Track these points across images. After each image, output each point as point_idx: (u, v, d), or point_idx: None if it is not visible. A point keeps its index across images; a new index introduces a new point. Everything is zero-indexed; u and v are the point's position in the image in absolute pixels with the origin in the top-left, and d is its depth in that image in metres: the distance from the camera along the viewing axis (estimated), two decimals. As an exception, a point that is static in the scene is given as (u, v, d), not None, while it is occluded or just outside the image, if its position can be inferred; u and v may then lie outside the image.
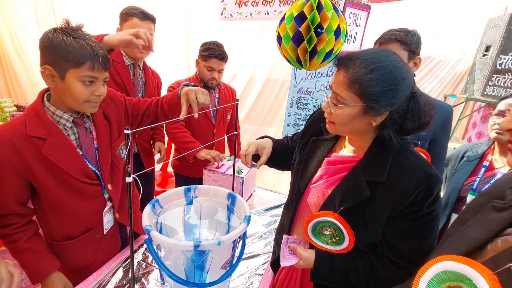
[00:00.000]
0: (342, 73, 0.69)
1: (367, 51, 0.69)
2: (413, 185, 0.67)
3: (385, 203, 0.71)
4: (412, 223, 0.70)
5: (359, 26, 1.50)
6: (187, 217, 1.02)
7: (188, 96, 0.94)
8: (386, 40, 1.11)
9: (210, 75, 1.70)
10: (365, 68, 0.65)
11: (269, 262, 1.13)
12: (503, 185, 0.53)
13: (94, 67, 0.83)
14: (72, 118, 0.90)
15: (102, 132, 0.99)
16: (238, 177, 1.46)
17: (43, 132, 0.85)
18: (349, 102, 0.68)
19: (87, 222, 1.00)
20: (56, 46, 0.79)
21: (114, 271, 1.04)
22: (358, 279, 0.77)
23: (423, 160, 0.72)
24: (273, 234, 1.33)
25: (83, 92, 0.84)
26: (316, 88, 1.69)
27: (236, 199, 0.95)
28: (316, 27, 0.85)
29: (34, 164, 0.84)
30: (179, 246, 0.73)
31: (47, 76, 0.83)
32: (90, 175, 0.96)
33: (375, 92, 0.65)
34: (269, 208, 1.57)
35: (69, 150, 0.90)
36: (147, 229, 0.75)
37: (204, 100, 0.96)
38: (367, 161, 0.75)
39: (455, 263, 0.44)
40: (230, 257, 0.87)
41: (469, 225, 0.51)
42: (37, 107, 0.87)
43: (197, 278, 0.81)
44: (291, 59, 0.95)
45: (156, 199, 0.92)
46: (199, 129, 1.83)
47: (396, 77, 0.65)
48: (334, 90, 0.71)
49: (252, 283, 1.02)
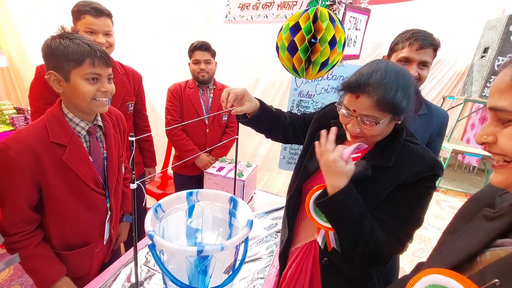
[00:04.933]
0: (366, 99, 0.71)
1: (377, 72, 0.71)
2: (422, 166, 0.74)
3: (387, 184, 0.76)
4: (408, 193, 0.76)
5: (359, 29, 1.51)
6: (189, 221, 1.02)
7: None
8: (426, 44, 1.05)
9: (198, 68, 1.75)
10: (390, 90, 0.70)
11: (270, 264, 1.13)
12: (494, 192, 0.54)
13: (95, 63, 0.85)
14: (88, 127, 0.94)
15: (113, 143, 1.03)
16: (239, 180, 1.47)
17: (64, 139, 0.88)
18: (383, 118, 0.73)
19: (87, 233, 1.01)
20: (55, 49, 0.83)
21: (116, 276, 1.04)
22: (368, 225, 0.74)
23: (428, 150, 0.79)
24: (274, 237, 1.34)
25: (90, 89, 0.87)
26: (317, 92, 1.70)
27: (238, 203, 0.96)
28: (310, 37, 0.87)
29: (50, 170, 0.86)
30: (182, 252, 0.73)
31: (54, 81, 0.86)
32: (98, 183, 0.98)
33: (405, 106, 0.72)
34: (270, 210, 1.57)
35: (84, 158, 0.93)
36: (151, 235, 0.75)
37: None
38: (376, 150, 0.81)
39: (442, 277, 0.44)
40: (232, 261, 0.87)
41: (459, 235, 0.52)
42: (57, 113, 0.90)
43: (200, 282, 0.81)
44: (288, 68, 0.98)
45: (159, 203, 0.92)
46: (191, 129, 1.85)
47: (409, 85, 0.73)
48: (364, 113, 0.73)
49: (255, 286, 1.03)
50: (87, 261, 1.04)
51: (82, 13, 1.25)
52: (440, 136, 1.22)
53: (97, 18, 1.27)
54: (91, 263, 1.05)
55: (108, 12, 1.32)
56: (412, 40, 1.07)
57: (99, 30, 1.28)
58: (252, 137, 2.90)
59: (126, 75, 1.52)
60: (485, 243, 0.46)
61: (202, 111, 1.84)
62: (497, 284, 0.39)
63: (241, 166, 1.64)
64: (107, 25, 1.31)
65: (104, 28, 1.29)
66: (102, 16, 1.28)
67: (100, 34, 1.29)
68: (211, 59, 1.78)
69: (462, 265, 0.47)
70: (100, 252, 1.07)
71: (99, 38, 1.28)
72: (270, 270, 1.11)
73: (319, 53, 0.89)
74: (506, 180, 0.43)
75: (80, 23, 1.27)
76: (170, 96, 1.84)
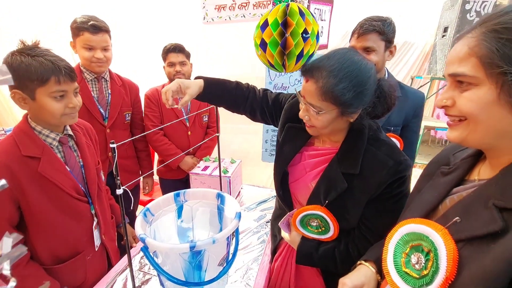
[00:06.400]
0: (312, 84, 0.71)
1: (331, 58, 0.71)
2: (385, 174, 0.74)
3: (362, 192, 0.78)
4: (384, 203, 0.78)
5: (324, 20, 1.57)
6: (179, 221, 1.04)
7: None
8: (365, 31, 1.10)
9: (173, 70, 1.73)
10: (334, 78, 0.68)
11: (263, 253, 1.18)
12: (448, 153, 0.62)
13: (60, 80, 0.85)
14: (59, 137, 0.94)
15: (87, 150, 1.03)
16: (225, 177, 1.49)
17: (36, 152, 0.87)
18: (326, 109, 0.72)
19: (75, 243, 1.00)
20: (17, 69, 0.80)
21: (112, 284, 1.04)
22: (335, 265, 0.86)
23: (393, 148, 0.78)
24: (264, 227, 1.38)
25: (57, 107, 0.86)
26: (291, 83, 1.75)
27: (225, 198, 0.99)
28: (279, 32, 0.91)
29: (28, 185, 0.85)
30: (175, 249, 0.76)
31: (19, 99, 0.85)
32: (79, 191, 0.98)
33: (348, 98, 0.69)
34: (258, 202, 1.61)
35: (60, 168, 0.93)
36: (142, 238, 0.77)
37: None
38: (342, 154, 0.81)
39: (414, 225, 0.51)
40: (225, 254, 0.91)
41: (423, 192, 0.60)
42: (25, 128, 0.89)
43: (196, 277, 0.85)
44: (266, 64, 1.01)
45: (147, 207, 0.93)
46: (173, 133, 1.84)
47: (363, 79, 0.69)
48: (309, 101, 0.74)
49: (249, 276, 1.07)
50: (81, 270, 1.04)
51: (81, 30, 1.32)
52: (417, 118, 1.25)
53: (95, 35, 1.33)
54: (85, 272, 1.05)
55: (106, 28, 1.38)
56: (356, 29, 1.14)
57: (97, 46, 1.35)
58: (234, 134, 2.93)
59: (123, 86, 1.59)
60: (444, 194, 0.54)
61: (181, 113, 1.83)
62: (457, 221, 0.46)
63: (226, 163, 1.67)
64: (104, 41, 1.37)
65: (102, 44, 1.37)
66: (100, 32, 1.35)
67: (98, 50, 1.36)
68: (186, 61, 1.78)
69: (428, 215, 0.55)
70: (93, 259, 1.07)
71: (97, 54, 1.36)
72: (263, 258, 1.15)
73: (293, 45, 0.92)
74: (460, 135, 0.49)
75: (78, 40, 1.34)
76: (148, 101, 1.81)
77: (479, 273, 0.40)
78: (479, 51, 0.43)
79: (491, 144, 0.47)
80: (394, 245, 0.53)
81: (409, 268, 0.51)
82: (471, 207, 0.46)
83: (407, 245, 0.52)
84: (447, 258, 0.44)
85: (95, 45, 1.34)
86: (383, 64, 1.20)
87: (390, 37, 1.14)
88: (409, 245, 0.52)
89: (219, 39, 2.70)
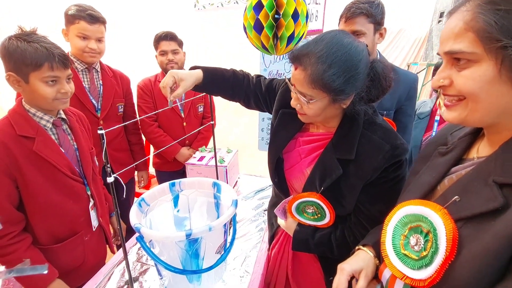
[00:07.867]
0: (301, 72, 0.68)
1: (319, 43, 0.67)
2: (381, 158, 0.72)
3: (358, 177, 0.76)
4: (380, 187, 0.77)
5: (319, 4, 1.54)
6: (176, 211, 1.03)
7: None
8: (352, 14, 1.07)
9: (165, 59, 1.68)
10: (322, 64, 0.64)
11: (261, 241, 1.18)
12: (445, 133, 0.60)
13: (53, 66, 0.87)
14: (52, 120, 0.96)
15: (80, 134, 1.06)
16: (221, 167, 1.48)
17: (31, 132, 0.90)
18: (317, 97, 0.69)
19: (73, 223, 1.03)
20: (13, 52, 0.84)
21: (110, 276, 1.04)
22: (332, 251, 0.86)
23: (389, 132, 0.75)
24: (262, 215, 1.38)
25: (49, 91, 0.89)
26: (286, 69, 1.73)
27: (221, 186, 0.98)
28: (274, 13, 0.88)
29: (24, 163, 0.88)
30: (171, 238, 0.75)
31: (13, 82, 0.88)
32: (74, 172, 1.01)
33: (338, 85, 0.66)
34: (255, 191, 1.61)
35: (55, 148, 0.95)
36: (137, 227, 0.76)
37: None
38: (337, 140, 0.78)
39: (412, 206, 0.50)
40: (223, 241, 0.90)
41: (421, 173, 0.58)
42: (19, 110, 0.92)
43: (193, 266, 0.84)
44: (258, 47, 0.99)
45: (142, 198, 0.92)
46: (168, 124, 1.81)
47: (353, 63, 0.66)
48: (299, 90, 0.71)
49: (248, 263, 1.07)
50: (79, 250, 1.06)
51: (77, 18, 1.29)
52: (411, 100, 1.23)
53: (91, 25, 1.30)
54: (84, 252, 1.07)
55: (103, 19, 1.35)
56: (343, 13, 1.11)
57: (92, 36, 1.32)
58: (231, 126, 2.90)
59: (115, 77, 1.56)
60: (443, 174, 0.53)
61: (177, 105, 1.80)
62: (457, 200, 0.45)
63: (222, 153, 1.66)
64: (100, 32, 1.35)
65: (97, 35, 1.33)
66: (97, 23, 1.32)
67: (93, 40, 1.33)
68: (179, 49, 1.72)
69: (426, 196, 0.54)
70: (91, 240, 1.09)
71: (91, 44, 1.32)
72: (261, 246, 1.15)
73: (284, 27, 0.90)
74: (459, 116, 0.47)
75: (73, 27, 1.30)
76: (141, 92, 1.77)
77: (479, 251, 0.40)
78: (475, 25, 0.41)
79: (491, 122, 0.46)
80: (392, 228, 0.52)
81: (408, 250, 0.50)
82: (470, 185, 0.45)
83: (405, 227, 0.51)
84: (446, 238, 0.43)
85: (90, 35, 1.32)
86: (374, 48, 1.17)
87: (379, 19, 1.10)
88: (407, 227, 0.51)
89: (211, 26, 2.65)
